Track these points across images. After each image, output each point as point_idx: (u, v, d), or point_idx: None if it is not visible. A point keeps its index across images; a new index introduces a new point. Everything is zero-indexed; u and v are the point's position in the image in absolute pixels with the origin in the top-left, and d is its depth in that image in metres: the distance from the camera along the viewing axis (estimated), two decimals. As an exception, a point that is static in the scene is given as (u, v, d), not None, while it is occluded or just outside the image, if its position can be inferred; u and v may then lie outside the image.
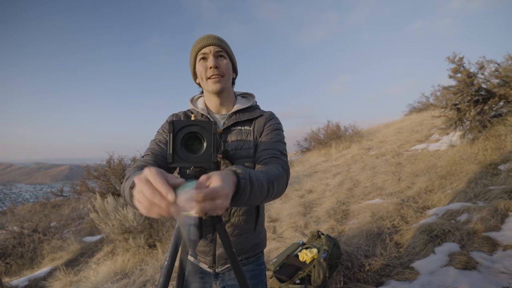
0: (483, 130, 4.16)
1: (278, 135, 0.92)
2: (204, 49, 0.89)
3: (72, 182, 6.91)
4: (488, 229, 2.18)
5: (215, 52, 0.89)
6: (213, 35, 0.91)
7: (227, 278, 0.94)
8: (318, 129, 10.05)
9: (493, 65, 4.03)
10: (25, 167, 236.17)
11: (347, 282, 2.01)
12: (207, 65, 0.88)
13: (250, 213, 0.93)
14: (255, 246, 0.97)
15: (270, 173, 0.70)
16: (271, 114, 0.98)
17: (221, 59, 0.90)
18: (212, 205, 0.46)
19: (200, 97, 1.04)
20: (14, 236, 5.68)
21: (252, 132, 0.93)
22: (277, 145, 0.88)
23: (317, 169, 6.81)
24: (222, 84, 0.90)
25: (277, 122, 0.96)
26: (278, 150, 0.86)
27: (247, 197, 0.58)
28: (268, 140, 0.90)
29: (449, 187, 3.36)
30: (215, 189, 0.47)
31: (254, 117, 0.95)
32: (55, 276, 3.86)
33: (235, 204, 0.58)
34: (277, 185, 0.70)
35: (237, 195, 0.56)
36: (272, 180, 0.68)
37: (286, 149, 0.91)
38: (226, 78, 0.91)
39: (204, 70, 0.89)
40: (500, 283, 1.62)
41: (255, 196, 0.61)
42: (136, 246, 3.83)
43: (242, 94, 1.05)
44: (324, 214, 3.58)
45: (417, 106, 12.48)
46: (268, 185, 0.65)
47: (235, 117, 0.93)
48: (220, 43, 0.90)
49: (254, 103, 1.01)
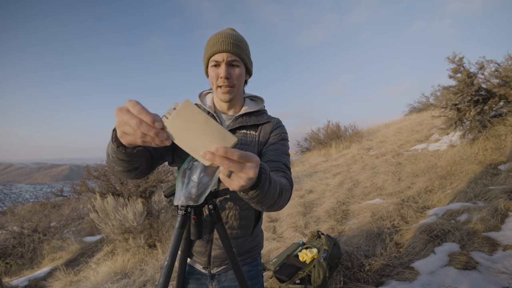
0: (483, 130, 4.16)
1: (283, 146, 0.90)
2: (217, 56, 0.84)
3: (72, 182, 6.90)
4: (488, 229, 2.18)
5: (228, 61, 0.84)
6: (229, 39, 0.83)
7: (223, 279, 0.93)
8: (318, 129, 10.07)
9: (493, 65, 4.04)
10: (25, 167, 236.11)
11: (347, 282, 2.01)
12: (219, 74, 0.84)
13: (249, 217, 0.91)
14: (252, 249, 0.96)
15: (281, 181, 0.68)
16: (278, 122, 0.96)
17: (234, 68, 0.86)
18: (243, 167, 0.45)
19: (209, 93, 1.01)
20: (14, 236, 5.69)
21: (257, 138, 0.90)
22: (282, 157, 0.85)
23: (317, 169, 6.81)
24: (232, 95, 0.87)
25: (283, 131, 0.94)
26: (283, 163, 0.83)
27: (263, 193, 0.55)
28: (273, 150, 0.87)
29: (449, 187, 3.36)
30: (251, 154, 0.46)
31: (261, 122, 0.92)
32: (55, 276, 3.86)
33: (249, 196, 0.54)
34: (284, 195, 0.67)
35: (256, 187, 0.53)
36: (282, 188, 0.65)
37: (289, 161, 0.89)
38: (237, 88, 0.88)
39: (215, 78, 0.86)
40: (500, 283, 1.62)
41: (268, 196, 0.57)
42: (136, 246, 3.83)
43: (251, 96, 1.02)
44: (324, 214, 3.58)
45: (417, 106, 12.49)
46: (279, 190, 0.63)
47: (241, 120, 0.91)
48: (235, 50, 0.84)
49: (263, 108, 0.99)
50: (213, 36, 0.86)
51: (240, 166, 0.45)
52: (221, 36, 0.84)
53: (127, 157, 0.60)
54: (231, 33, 0.86)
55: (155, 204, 4.52)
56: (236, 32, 0.89)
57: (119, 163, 0.64)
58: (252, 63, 0.95)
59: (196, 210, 0.79)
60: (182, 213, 0.78)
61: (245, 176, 0.45)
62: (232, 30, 0.90)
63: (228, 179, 0.46)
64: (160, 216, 4.32)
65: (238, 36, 0.87)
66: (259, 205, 0.60)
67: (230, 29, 0.90)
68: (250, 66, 0.92)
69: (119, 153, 0.58)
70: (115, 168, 0.67)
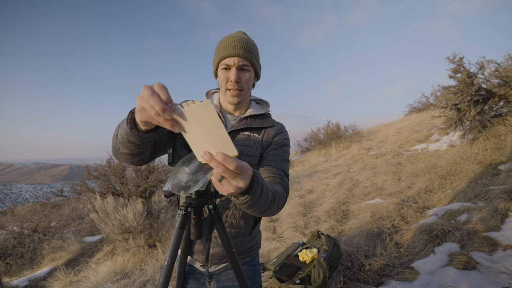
0: (483, 130, 4.16)
1: (284, 152, 0.91)
2: (228, 60, 0.84)
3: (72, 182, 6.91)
4: (488, 229, 2.18)
5: (239, 65, 0.85)
6: (241, 43, 0.84)
7: (222, 279, 0.93)
8: (318, 129, 10.07)
9: (493, 65, 4.04)
10: (25, 167, 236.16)
11: (347, 282, 2.01)
12: (229, 77, 0.85)
13: (249, 217, 0.92)
14: (250, 249, 0.97)
15: (275, 189, 0.70)
16: (281, 127, 0.97)
17: (244, 72, 0.87)
18: (236, 176, 0.47)
19: (215, 92, 1.02)
20: (14, 236, 5.69)
21: (260, 141, 0.92)
22: (281, 164, 0.87)
23: (317, 169, 6.81)
24: (240, 98, 0.89)
25: (286, 137, 0.95)
26: (282, 170, 0.85)
27: (254, 200, 0.57)
28: (274, 156, 0.88)
29: (449, 187, 3.36)
30: (246, 166, 0.48)
31: (265, 126, 0.93)
32: (55, 276, 3.86)
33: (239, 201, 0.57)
34: (277, 202, 0.70)
35: (247, 193, 0.55)
36: (275, 196, 0.67)
37: (288, 168, 0.91)
38: (245, 91, 0.89)
39: (225, 81, 0.87)
40: (500, 283, 1.62)
41: (259, 203, 0.60)
42: (136, 246, 3.83)
43: (256, 99, 1.03)
44: (324, 214, 3.58)
45: (417, 106, 12.49)
46: (272, 198, 0.65)
47: (246, 121, 0.92)
48: (246, 55, 0.85)
49: (267, 112, 1.00)
50: (225, 39, 0.87)
51: (234, 175, 0.47)
52: (233, 40, 0.85)
53: (138, 140, 0.63)
54: (242, 37, 0.86)
55: (155, 204, 4.52)
56: (247, 36, 0.90)
57: (127, 145, 0.66)
58: (261, 67, 0.96)
59: (196, 210, 0.80)
60: (182, 213, 0.78)
61: (236, 185, 0.48)
62: (243, 34, 0.91)
63: (219, 183, 0.49)
64: (160, 216, 4.32)
65: (249, 40, 0.88)
66: (250, 211, 0.63)
67: (241, 33, 0.91)
68: (259, 70, 0.94)
69: (131, 135, 0.61)
70: (120, 149, 0.70)
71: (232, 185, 0.48)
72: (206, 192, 0.82)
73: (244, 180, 0.48)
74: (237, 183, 0.48)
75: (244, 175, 0.48)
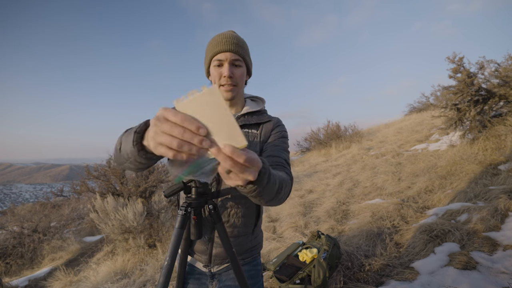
0: (483, 130, 4.16)
1: (283, 143, 0.93)
2: (220, 56, 0.86)
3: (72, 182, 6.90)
4: (488, 229, 2.18)
5: (231, 61, 0.86)
6: (232, 39, 0.87)
7: (224, 278, 0.93)
8: (318, 129, 10.07)
9: (493, 65, 4.04)
10: (25, 167, 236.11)
11: (347, 282, 2.01)
12: (222, 73, 0.86)
13: (250, 215, 0.93)
14: (252, 248, 0.97)
15: (282, 176, 0.69)
16: (278, 121, 0.99)
17: (237, 67, 0.88)
18: (245, 170, 0.44)
19: None
20: (14, 236, 5.69)
21: (259, 136, 0.93)
22: (282, 153, 0.88)
23: (317, 169, 6.81)
24: (234, 93, 0.90)
25: (283, 129, 0.97)
26: (283, 159, 0.86)
27: (262, 188, 0.55)
28: (273, 146, 0.90)
29: (449, 187, 3.36)
30: (256, 158, 0.45)
31: (262, 121, 0.95)
32: (55, 276, 3.86)
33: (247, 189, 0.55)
34: (284, 189, 0.69)
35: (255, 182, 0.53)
36: (282, 183, 0.66)
37: (289, 158, 0.92)
38: (239, 87, 0.91)
39: (218, 77, 0.87)
40: (500, 283, 1.62)
41: (267, 190, 0.58)
42: (136, 246, 3.83)
43: (252, 97, 1.04)
44: (324, 214, 3.58)
45: (417, 106, 12.49)
46: (279, 185, 0.64)
47: (243, 119, 0.94)
48: (238, 50, 0.87)
49: (263, 108, 1.02)
50: (216, 36, 0.89)
51: (243, 169, 0.44)
52: (224, 36, 0.87)
53: (146, 160, 0.59)
54: (233, 34, 0.89)
55: (155, 204, 4.52)
56: (237, 34, 0.92)
57: (135, 164, 0.62)
58: (252, 64, 0.98)
59: (196, 210, 0.80)
60: (182, 213, 0.78)
61: (244, 178, 0.45)
62: (234, 32, 0.93)
63: (226, 175, 0.46)
64: (160, 216, 4.32)
65: (239, 37, 0.90)
66: (258, 199, 0.60)
67: (231, 31, 0.93)
68: (250, 66, 0.96)
69: (139, 157, 0.57)
70: (126, 165, 0.66)
71: (241, 178, 0.45)
72: (206, 192, 0.82)
73: (253, 173, 0.46)
74: (246, 176, 0.45)
75: (254, 167, 0.45)
